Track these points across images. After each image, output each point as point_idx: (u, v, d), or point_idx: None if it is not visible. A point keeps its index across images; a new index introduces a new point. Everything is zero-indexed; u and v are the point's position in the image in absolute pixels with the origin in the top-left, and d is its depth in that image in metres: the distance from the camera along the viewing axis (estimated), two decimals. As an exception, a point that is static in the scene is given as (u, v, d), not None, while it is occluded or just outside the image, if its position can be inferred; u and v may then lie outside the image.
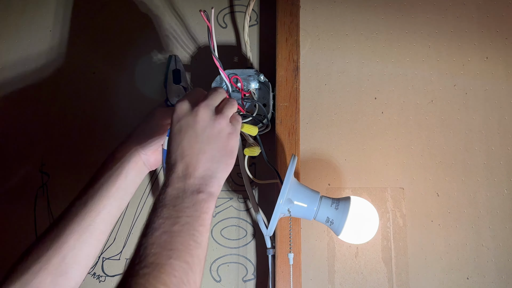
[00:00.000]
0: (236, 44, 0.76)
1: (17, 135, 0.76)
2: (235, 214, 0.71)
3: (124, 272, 0.39)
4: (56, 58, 0.78)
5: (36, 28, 0.80)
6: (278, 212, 0.53)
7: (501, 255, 0.65)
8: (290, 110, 0.67)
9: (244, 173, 0.67)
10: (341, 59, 0.73)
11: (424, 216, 0.67)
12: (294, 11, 0.70)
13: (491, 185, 0.67)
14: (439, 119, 0.70)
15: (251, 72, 0.66)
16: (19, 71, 0.79)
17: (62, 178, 0.74)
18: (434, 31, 0.73)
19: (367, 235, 0.57)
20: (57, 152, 0.75)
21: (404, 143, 0.70)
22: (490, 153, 0.68)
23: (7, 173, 0.75)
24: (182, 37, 0.77)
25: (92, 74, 0.77)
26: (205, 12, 0.54)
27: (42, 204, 0.73)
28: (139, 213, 0.72)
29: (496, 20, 0.72)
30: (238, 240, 0.70)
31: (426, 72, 0.72)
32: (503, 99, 0.70)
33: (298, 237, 0.63)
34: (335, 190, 0.69)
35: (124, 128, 0.75)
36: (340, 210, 0.55)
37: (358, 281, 0.66)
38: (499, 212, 0.66)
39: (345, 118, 0.71)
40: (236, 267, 0.69)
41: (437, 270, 0.65)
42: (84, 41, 0.79)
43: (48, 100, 0.77)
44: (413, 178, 0.68)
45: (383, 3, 0.74)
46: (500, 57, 0.71)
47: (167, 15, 0.78)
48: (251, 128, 0.61)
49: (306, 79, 0.73)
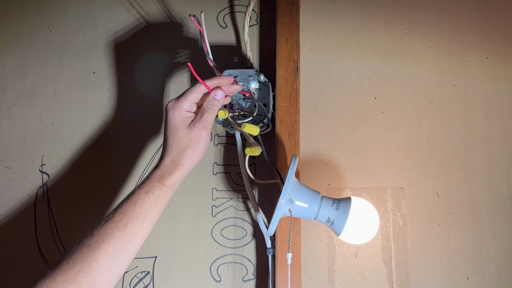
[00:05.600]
0: (236, 44, 0.76)
1: (17, 135, 0.76)
2: (235, 214, 0.71)
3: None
4: (56, 58, 0.78)
5: (36, 28, 0.80)
6: (279, 212, 0.53)
7: (501, 255, 0.65)
8: (290, 110, 0.67)
9: (244, 173, 0.67)
10: (341, 59, 0.73)
11: (424, 216, 0.67)
12: (294, 11, 0.70)
13: (491, 185, 0.67)
14: (439, 119, 0.70)
15: (251, 72, 0.66)
16: (19, 71, 0.79)
17: (62, 178, 0.74)
18: (434, 31, 0.73)
19: (367, 235, 0.57)
20: (57, 152, 0.75)
21: (404, 143, 0.70)
22: (490, 153, 0.68)
23: (7, 173, 0.75)
24: (183, 37, 0.77)
25: (92, 74, 0.77)
26: (195, 16, 0.54)
27: (42, 204, 0.73)
28: (139, 213, 0.71)
29: (496, 20, 0.72)
30: (238, 240, 0.70)
31: (426, 72, 0.72)
32: (503, 99, 0.70)
33: (298, 237, 0.63)
34: (335, 190, 0.69)
35: (124, 128, 0.75)
36: (341, 211, 0.55)
37: (358, 281, 0.66)
38: (499, 212, 0.66)
39: (345, 118, 0.71)
40: (236, 267, 0.69)
41: (437, 270, 0.65)
42: (84, 41, 0.79)
43: (48, 100, 0.77)
44: (413, 178, 0.68)
45: (383, 3, 0.74)
46: (500, 57, 0.71)
47: (167, 15, 0.78)
48: (252, 128, 0.61)
49: (306, 79, 0.73)
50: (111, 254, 0.47)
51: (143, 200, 0.50)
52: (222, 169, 0.72)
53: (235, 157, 0.72)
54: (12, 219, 0.73)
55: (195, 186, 0.72)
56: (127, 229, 0.49)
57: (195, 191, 0.72)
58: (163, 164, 0.53)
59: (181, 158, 0.53)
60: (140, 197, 0.50)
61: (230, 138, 0.73)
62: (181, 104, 0.54)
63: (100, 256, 0.47)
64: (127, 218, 0.49)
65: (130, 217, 0.49)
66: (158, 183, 0.51)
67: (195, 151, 0.53)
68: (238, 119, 0.66)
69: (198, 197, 0.71)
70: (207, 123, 0.54)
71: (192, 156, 0.53)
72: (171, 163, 0.53)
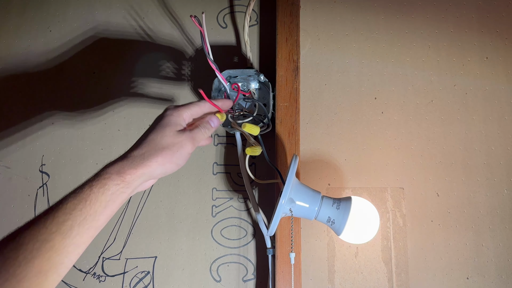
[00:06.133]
0: (236, 44, 0.76)
1: (17, 135, 0.76)
2: (235, 214, 0.71)
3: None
4: (56, 58, 0.79)
5: (36, 28, 0.80)
6: (280, 212, 0.53)
7: (501, 255, 0.65)
8: (290, 110, 0.67)
9: (244, 173, 0.67)
10: (341, 59, 0.73)
11: (424, 216, 0.67)
12: (294, 11, 0.70)
13: (491, 185, 0.67)
14: (439, 119, 0.70)
15: (251, 72, 0.66)
16: (19, 71, 0.79)
17: (62, 178, 0.74)
18: (434, 31, 0.73)
19: (367, 235, 0.57)
20: (57, 152, 0.75)
21: (404, 143, 0.70)
22: (490, 153, 0.68)
23: (8, 172, 0.75)
24: (182, 37, 0.77)
25: (92, 74, 0.77)
26: (195, 17, 0.54)
27: (42, 204, 0.73)
28: (139, 213, 0.72)
29: (496, 20, 0.72)
30: (238, 240, 0.70)
31: (426, 72, 0.72)
32: (503, 99, 0.70)
33: (298, 236, 0.63)
34: (335, 190, 0.69)
35: (124, 128, 0.75)
36: (341, 210, 0.55)
37: (358, 281, 0.66)
38: (499, 212, 0.66)
39: (345, 118, 0.71)
40: (236, 267, 0.69)
41: (437, 270, 0.65)
42: (84, 41, 0.79)
43: (48, 100, 0.77)
44: (413, 178, 0.68)
45: (383, 3, 0.74)
46: (500, 57, 0.71)
47: (167, 15, 0.78)
48: (253, 128, 0.61)
49: (306, 79, 0.73)
50: (44, 272, 0.35)
51: (96, 197, 0.40)
52: (222, 169, 0.72)
53: (235, 157, 0.72)
54: (12, 219, 0.73)
55: (195, 186, 0.72)
56: (71, 236, 0.38)
57: (195, 191, 0.72)
58: (130, 155, 0.45)
59: (154, 156, 0.45)
60: (92, 193, 0.40)
61: (230, 138, 0.73)
62: (181, 111, 0.51)
63: (32, 275, 0.35)
64: (73, 220, 0.38)
65: (77, 219, 0.38)
66: (117, 175, 0.42)
67: (172, 155, 0.47)
68: (238, 119, 0.66)
69: (198, 197, 0.71)
70: (196, 138, 0.50)
71: (166, 158, 0.46)
72: (139, 157, 0.45)
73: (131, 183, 0.43)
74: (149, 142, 0.47)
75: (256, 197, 0.70)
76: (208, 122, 0.54)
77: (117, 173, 0.43)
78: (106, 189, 0.41)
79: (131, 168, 0.43)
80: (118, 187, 0.42)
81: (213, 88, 0.67)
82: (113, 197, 0.41)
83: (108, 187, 0.41)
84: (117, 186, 0.42)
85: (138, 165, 0.44)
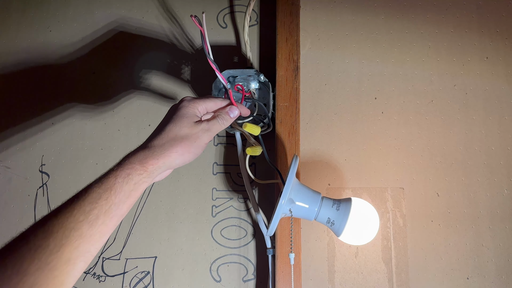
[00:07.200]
0: (236, 44, 0.76)
1: (17, 135, 0.76)
2: (235, 214, 0.71)
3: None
4: (56, 58, 0.78)
5: (36, 28, 0.80)
6: (279, 212, 0.53)
7: (501, 255, 0.65)
8: (290, 110, 0.67)
9: (244, 173, 0.67)
10: (341, 59, 0.73)
11: (424, 216, 0.67)
12: (294, 11, 0.70)
13: (491, 185, 0.67)
14: (439, 119, 0.70)
15: (251, 72, 0.66)
16: (19, 71, 0.79)
17: (62, 178, 0.74)
18: (434, 31, 0.73)
19: (367, 236, 0.57)
20: (57, 152, 0.75)
21: (404, 143, 0.70)
22: (490, 153, 0.68)
23: (8, 173, 0.75)
24: (182, 37, 0.77)
25: (92, 74, 0.77)
26: (196, 17, 0.54)
27: (42, 204, 0.73)
28: (139, 213, 0.72)
29: (496, 20, 0.72)
30: (238, 240, 0.70)
31: (426, 72, 0.72)
32: (503, 99, 0.70)
33: (298, 237, 0.63)
34: (335, 190, 0.69)
35: (124, 128, 0.75)
36: (341, 211, 0.55)
37: (358, 281, 0.66)
38: (499, 212, 0.66)
39: (345, 118, 0.71)
40: (236, 267, 0.69)
41: (437, 270, 0.65)
42: (84, 41, 0.79)
43: (48, 100, 0.77)
44: (413, 178, 0.68)
45: (383, 3, 0.74)
46: (500, 57, 0.71)
47: (166, 15, 0.78)
48: (253, 128, 0.61)
49: (306, 79, 0.73)
50: (73, 260, 0.36)
51: (120, 186, 0.41)
52: (222, 169, 0.72)
53: (235, 157, 0.72)
54: (12, 219, 0.73)
55: (195, 186, 0.72)
56: (97, 224, 0.38)
57: (195, 191, 0.72)
58: (151, 145, 0.46)
59: (174, 146, 0.46)
60: (117, 182, 0.41)
61: (230, 138, 0.73)
62: (197, 103, 0.52)
63: (62, 263, 0.35)
64: (99, 209, 0.39)
65: (103, 208, 0.39)
66: (139, 165, 0.43)
67: (190, 146, 0.48)
68: (239, 119, 0.66)
69: (198, 197, 0.71)
70: (213, 129, 0.51)
71: (185, 148, 0.47)
72: (160, 147, 0.46)
73: (152, 173, 0.44)
74: (167, 132, 0.47)
75: (256, 197, 0.70)
76: (227, 112, 0.55)
77: (139, 162, 0.44)
78: (130, 179, 0.42)
79: (153, 158, 0.44)
80: (140, 177, 0.43)
81: (213, 87, 0.67)
82: (136, 187, 0.42)
83: (132, 177, 0.42)
84: (140, 176, 0.43)
85: (160, 155, 0.45)
